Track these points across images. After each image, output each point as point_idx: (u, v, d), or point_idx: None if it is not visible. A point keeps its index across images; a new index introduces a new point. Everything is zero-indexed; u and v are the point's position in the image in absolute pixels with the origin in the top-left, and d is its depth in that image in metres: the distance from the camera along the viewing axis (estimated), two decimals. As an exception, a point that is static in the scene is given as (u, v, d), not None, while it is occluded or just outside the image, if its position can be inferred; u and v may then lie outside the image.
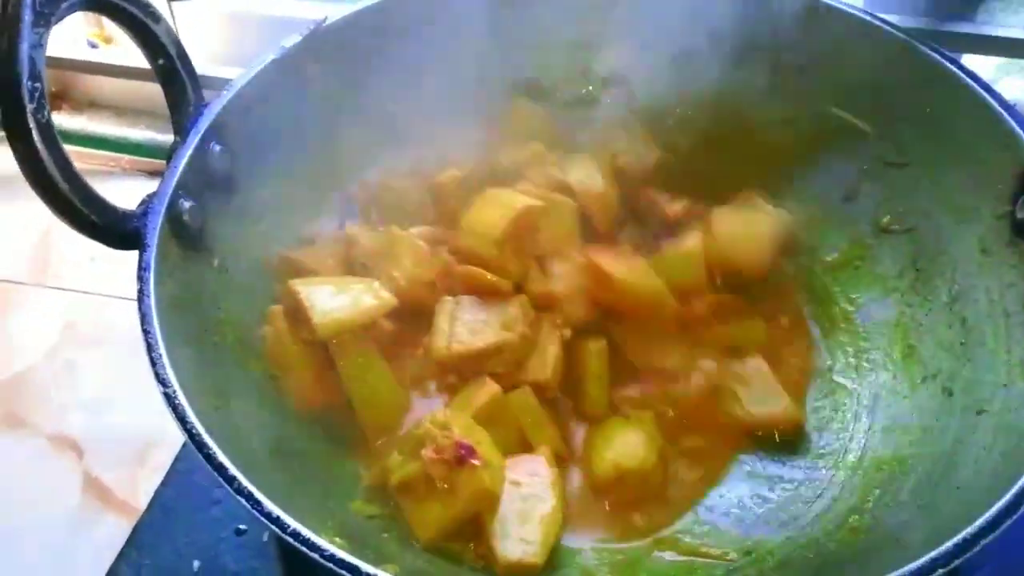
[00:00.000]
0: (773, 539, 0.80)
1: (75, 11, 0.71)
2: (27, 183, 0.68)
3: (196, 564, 0.90)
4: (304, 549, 0.58)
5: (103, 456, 1.06)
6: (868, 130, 0.95)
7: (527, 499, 0.79)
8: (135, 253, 0.73)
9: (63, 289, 1.24)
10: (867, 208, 0.96)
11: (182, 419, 0.64)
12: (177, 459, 0.98)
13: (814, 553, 0.76)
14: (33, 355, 1.16)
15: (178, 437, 0.64)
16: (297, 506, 0.63)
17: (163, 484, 0.97)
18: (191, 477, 0.96)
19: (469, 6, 0.96)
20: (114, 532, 0.96)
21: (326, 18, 0.89)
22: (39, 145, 0.65)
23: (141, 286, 0.70)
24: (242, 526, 0.91)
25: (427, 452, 0.75)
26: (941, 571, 0.57)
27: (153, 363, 0.67)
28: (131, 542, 0.93)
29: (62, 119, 1.45)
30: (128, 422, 1.08)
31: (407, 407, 0.89)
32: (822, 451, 0.87)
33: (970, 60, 1.11)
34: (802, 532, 0.80)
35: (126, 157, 1.42)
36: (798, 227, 0.99)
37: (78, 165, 0.67)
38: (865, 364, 0.92)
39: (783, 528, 0.81)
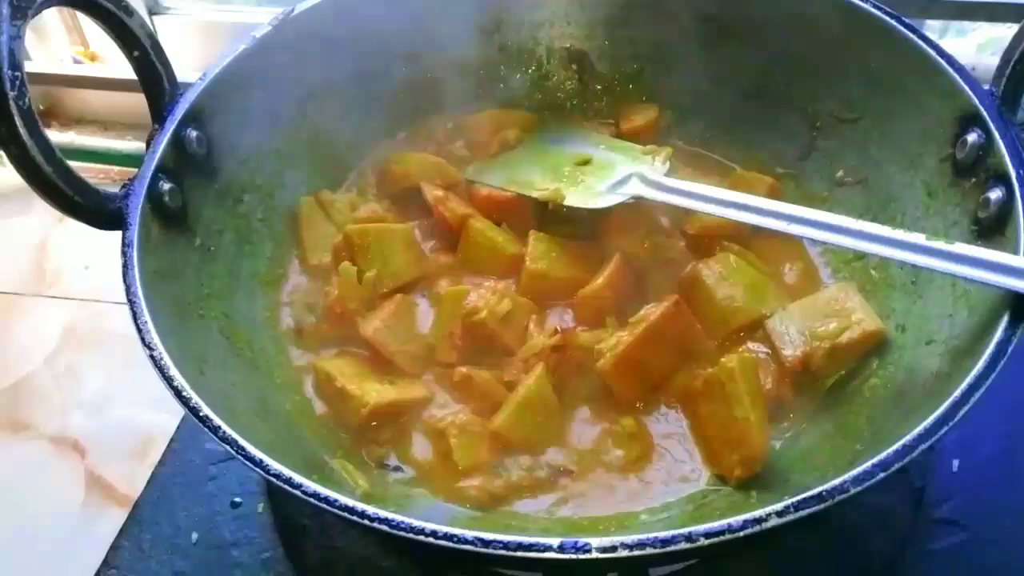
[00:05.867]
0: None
1: (51, 6, 0.75)
2: (23, 189, 0.71)
3: (194, 536, 0.93)
4: (287, 487, 0.61)
5: (105, 454, 1.08)
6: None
7: None
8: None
9: (61, 298, 1.27)
10: (823, 164, 1.00)
11: (167, 377, 0.67)
12: (172, 440, 1.02)
13: (772, 477, 0.79)
14: (34, 361, 1.19)
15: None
16: (281, 460, 0.65)
17: (160, 463, 1.00)
18: (186, 456, 1.00)
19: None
20: (118, 525, 0.98)
21: (293, 8, 0.93)
22: (21, 129, 0.69)
23: (125, 260, 0.74)
24: (237, 499, 0.94)
25: None
26: (882, 475, 0.60)
27: (139, 329, 0.70)
28: (132, 518, 0.96)
29: (52, 135, 1.44)
30: (127, 420, 1.11)
31: None
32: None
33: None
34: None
35: (115, 168, 1.46)
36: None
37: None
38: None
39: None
